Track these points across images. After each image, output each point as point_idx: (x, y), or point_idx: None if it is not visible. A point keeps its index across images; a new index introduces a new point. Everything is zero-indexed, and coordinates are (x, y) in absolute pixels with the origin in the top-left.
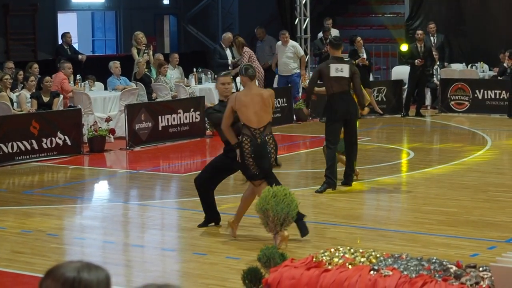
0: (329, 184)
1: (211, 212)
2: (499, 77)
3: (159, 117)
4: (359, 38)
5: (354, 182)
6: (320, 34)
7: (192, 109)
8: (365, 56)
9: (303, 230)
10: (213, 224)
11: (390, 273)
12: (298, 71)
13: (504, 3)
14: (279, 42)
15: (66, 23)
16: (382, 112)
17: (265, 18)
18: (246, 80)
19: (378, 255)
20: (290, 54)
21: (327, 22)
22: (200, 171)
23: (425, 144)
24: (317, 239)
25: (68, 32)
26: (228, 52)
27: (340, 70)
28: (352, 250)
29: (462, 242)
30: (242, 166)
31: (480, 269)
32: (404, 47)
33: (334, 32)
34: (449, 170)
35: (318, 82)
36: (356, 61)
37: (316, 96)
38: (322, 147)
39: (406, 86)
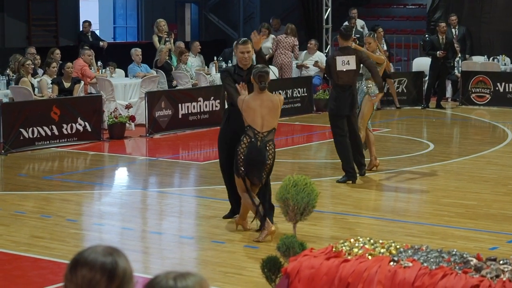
0: (349, 177)
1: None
2: None
3: (179, 105)
4: (380, 29)
5: (373, 173)
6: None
7: (212, 98)
8: (385, 47)
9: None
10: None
11: (410, 264)
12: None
13: None
14: (305, 51)
15: (88, 9)
16: (399, 106)
17: (286, 7)
18: (256, 86)
19: (398, 246)
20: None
21: (352, 11)
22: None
23: (445, 137)
24: (336, 230)
25: (87, 21)
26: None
27: (346, 63)
28: (372, 241)
29: (481, 235)
30: (234, 157)
31: (501, 262)
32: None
33: (359, 22)
34: (469, 163)
35: None
36: None
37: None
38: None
39: (427, 77)
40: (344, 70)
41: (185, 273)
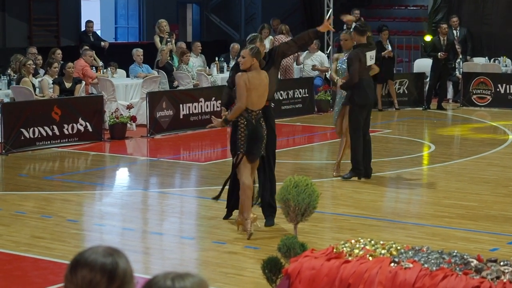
0: (356, 173)
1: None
2: None
3: (180, 105)
4: (386, 32)
5: (374, 174)
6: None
7: (213, 98)
8: (389, 48)
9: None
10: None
11: (411, 265)
12: (317, 74)
13: None
14: (306, 51)
15: (90, 9)
16: (397, 107)
17: (288, 8)
18: (256, 62)
19: (398, 248)
20: (315, 62)
21: (355, 12)
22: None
23: (446, 138)
24: (337, 230)
25: (91, 21)
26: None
27: (372, 58)
28: (372, 242)
29: (482, 237)
30: (232, 142)
31: (501, 263)
32: (428, 38)
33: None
34: (470, 164)
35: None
36: (382, 53)
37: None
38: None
39: (428, 79)
40: (370, 64)
41: (185, 274)
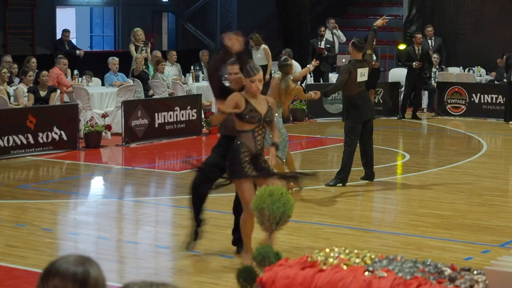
0: (340, 180)
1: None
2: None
3: (156, 114)
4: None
5: (349, 183)
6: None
7: (188, 107)
8: (374, 58)
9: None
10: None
11: (385, 274)
12: None
13: (501, 8)
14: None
15: (65, 18)
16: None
17: (263, 17)
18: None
19: (373, 257)
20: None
21: (330, 21)
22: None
23: (420, 147)
24: (312, 239)
25: (68, 31)
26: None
27: (363, 75)
28: (347, 251)
29: (456, 246)
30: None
31: (475, 272)
32: (402, 47)
33: (338, 33)
34: (444, 173)
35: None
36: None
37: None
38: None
39: (403, 88)
40: (361, 81)
41: (160, 283)
